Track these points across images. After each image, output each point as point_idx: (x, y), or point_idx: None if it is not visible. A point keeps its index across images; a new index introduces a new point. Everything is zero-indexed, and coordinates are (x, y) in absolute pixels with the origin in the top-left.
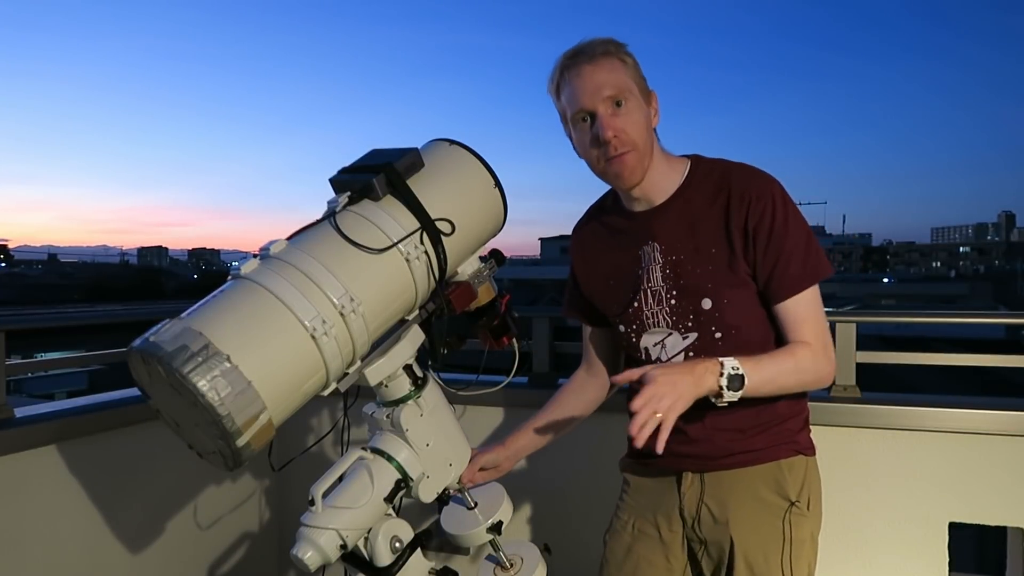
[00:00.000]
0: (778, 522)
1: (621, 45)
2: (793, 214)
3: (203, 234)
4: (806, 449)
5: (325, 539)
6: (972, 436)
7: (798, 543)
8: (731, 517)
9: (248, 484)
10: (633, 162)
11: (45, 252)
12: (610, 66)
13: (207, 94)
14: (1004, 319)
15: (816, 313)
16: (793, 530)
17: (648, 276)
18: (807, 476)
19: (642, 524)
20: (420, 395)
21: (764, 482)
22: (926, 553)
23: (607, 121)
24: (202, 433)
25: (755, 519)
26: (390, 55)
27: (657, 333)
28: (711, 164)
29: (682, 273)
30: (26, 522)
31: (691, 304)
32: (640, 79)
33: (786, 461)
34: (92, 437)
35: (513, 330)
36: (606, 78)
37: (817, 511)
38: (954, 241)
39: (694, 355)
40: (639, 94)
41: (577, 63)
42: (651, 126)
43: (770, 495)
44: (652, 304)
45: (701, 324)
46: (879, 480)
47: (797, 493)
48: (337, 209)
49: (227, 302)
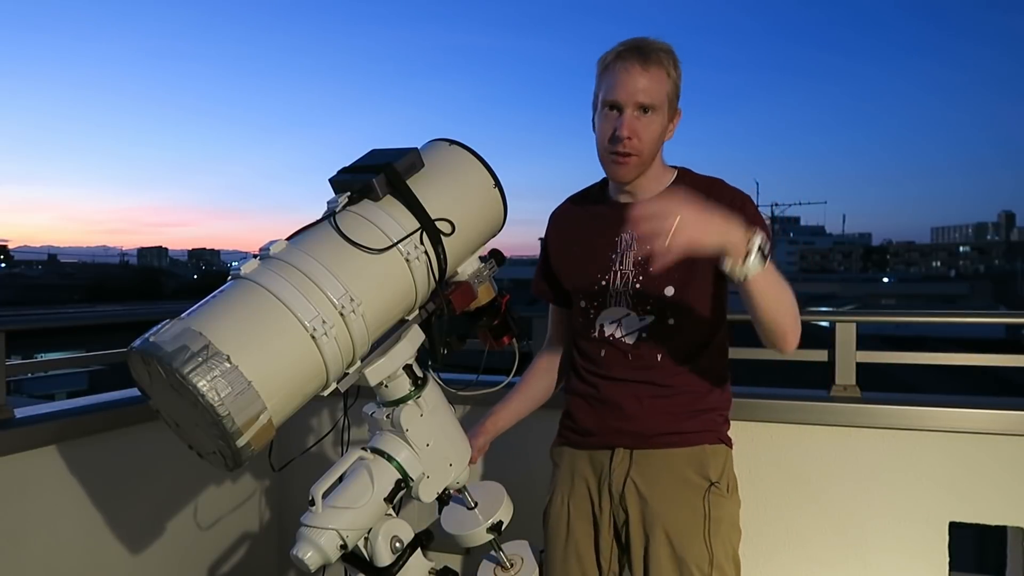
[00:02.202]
0: (698, 500)
1: (674, 57)
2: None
3: (203, 234)
4: (727, 440)
5: (325, 539)
6: (972, 436)
7: (716, 520)
8: (655, 493)
9: (248, 484)
10: (633, 167)
11: (45, 252)
12: (657, 75)
13: (207, 94)
14: (1004, 319)
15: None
16: (712, 508)
17: (621, 260)
18: (727, 464)
19: (576, 500)
20: (420, 395)
21: (689, 463)
22: (926, 553)
23: (629, 122)
24: (202, 433)
25: (678, 497)
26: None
27: (615, 313)
28: (694, 177)
29: (652, 261)
30: (26, 522)
31: (655, 290)
32: (675, 94)
33: (711, 447)
34: (92, 437)
35: (513, 330)
36: (647, 85)
37: (736, 498)
38: (954, 241)
39: (647, 337)
40: (667, 108)
41: (630, 58)
42: (662, 139)
43: (693, 475)
44: (619, 285)
45: (659, 309)
46: (879, 480)
47: (718, 476)
48: (337, 209)
49: (227, 302)
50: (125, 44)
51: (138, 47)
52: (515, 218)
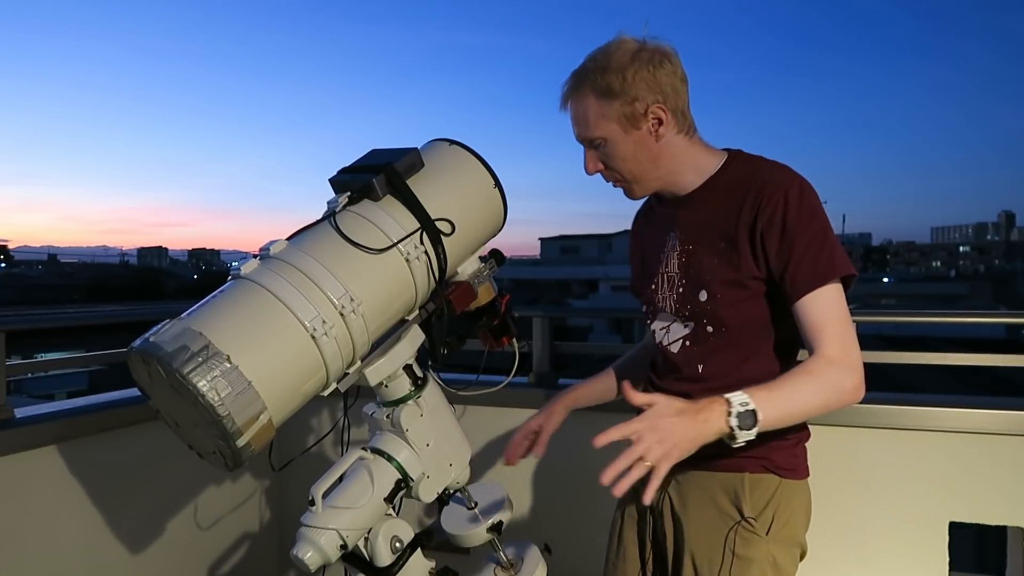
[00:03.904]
0: (722, 533)
1: (599, 69)
2: (808, 212)
3: (203, 234)
4: (782, 469)
5: (325, 539)
6: (972, 436)
7: (744, 560)
8: (687, 516)
9: (248, 484)
10: (626, 188)
11: (45, 252)
12: (581, 107)
13: (207, 95)
14: (1004, 319)
15: (836, 317)
16: (738, 546)
17: (667, 262)
18: (777, 497)
19: (631, 509)
20: (420, 395)
21: (724, 490)
22: (926, 553)
23: (588, 161)
24: (202, 433)
25: (706, 524)
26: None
27: (665, 318)
28: (744, 161)
29: (692, 263)
30: (26, 522)
31: (692, 294)
32: (625, 103)
33: (752, 476)
34: (92, 437)
35: (513, 330)
36: (578, 122)
37: (785, 536)
38: (954, 241)
39: (689, 345)
40: (620, 123)
41: (563, 97)
42: (646, 148)
43: (725, 505)
44: (665, 289)
45: (696, 315)
46: (879, 480)
47: (755, 511)
48: (337, 209)
49: (227, 302)
50: (125, 44)
51: (138, 47)
52: (515, 218)
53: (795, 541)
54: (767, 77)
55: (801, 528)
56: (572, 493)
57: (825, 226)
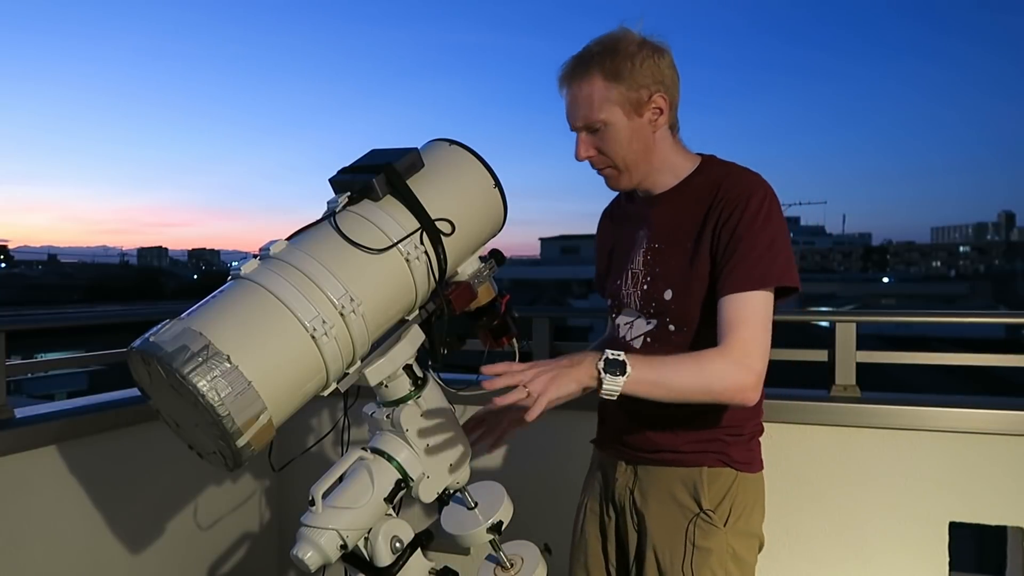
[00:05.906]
0: (682, 526)
1: (607, 52)
2: (763, 219)
3: (203, 234)
4: (738, 463)
5: (325, 539)
6: (972, 436)
7: (704, 551)
8: (649, 511)
9: (248, 484)
10: (614, 176)
11: (45, 252)
12: (586, 89)
13: (207, 95)
14: (1004, 319)
15: (751, 320)
16: (698, 538)
17: (633, 258)
18: (733, 490)
19: (592, 504)
20: (420, 395)
21: (683, 484)
22: (926, 553)
23: (580, 145)
24: (202, 433)
25: (666, 518)
26: (389, 55)
27: (629, 313)
28: (716, 166)
29: (658, 261)
30: (26, 522)
31: (657, 292)
32: (631, 88)
33: (710, 470)
34: (92, 437)
35: (513, 330)
36: (579, 104)
37: (742, 528)
38: (954, 241)
39: (651, 342)
40: (624, 108)
41: (563, 79)
42: (643, 137)
43: (685, 498)
44: (630, 285)
45: (660, 313)
46: (879, 480)
47: (713, 503)
48: (337, 209)
49: (227, 302)
50: (125, 44)
51: (138, 47)
52: (515, 218)
53: (752, 532)
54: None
55: (758, 520)
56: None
57: (776, 236)
